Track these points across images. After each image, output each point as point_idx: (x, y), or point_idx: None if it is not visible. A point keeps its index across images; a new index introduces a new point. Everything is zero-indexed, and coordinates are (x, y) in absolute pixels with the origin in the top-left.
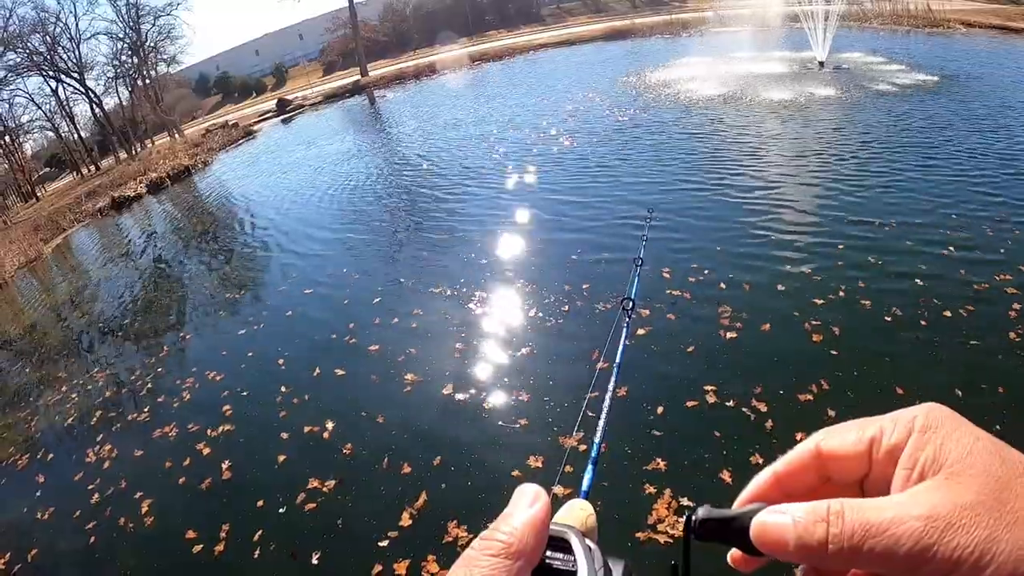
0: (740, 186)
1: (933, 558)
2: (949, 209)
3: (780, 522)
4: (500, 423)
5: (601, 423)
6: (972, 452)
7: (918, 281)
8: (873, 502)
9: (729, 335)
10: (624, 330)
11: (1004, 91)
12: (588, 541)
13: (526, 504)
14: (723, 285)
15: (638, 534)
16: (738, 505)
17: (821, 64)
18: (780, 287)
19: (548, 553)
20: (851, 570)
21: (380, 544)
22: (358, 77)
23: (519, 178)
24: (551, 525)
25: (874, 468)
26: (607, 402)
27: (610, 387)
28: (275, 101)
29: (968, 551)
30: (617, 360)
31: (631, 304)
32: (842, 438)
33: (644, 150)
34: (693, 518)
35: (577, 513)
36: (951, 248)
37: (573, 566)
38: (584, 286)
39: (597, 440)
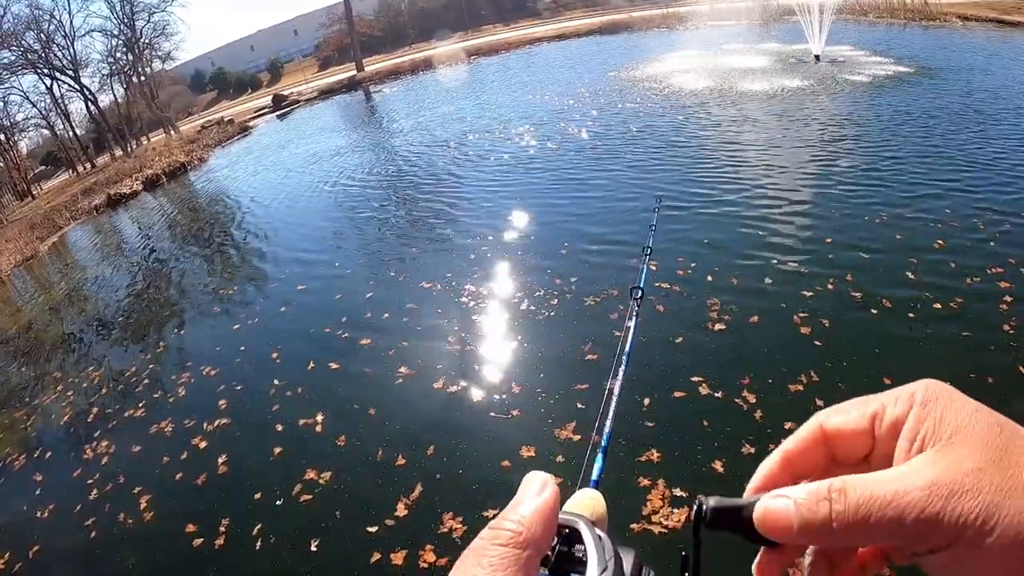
0: (728, 180)
1: (939, 525)
2: (941, 202)
3: (782, 506)
4: (492, 414)
5: (612, 411)
6: (971, 422)
7: (908, 274)
8: (875, 475)
9: (718, 327)
10: (634, 319)
11: (1009, 87)
12: (598, 530)
13: (534, 492)
14: (711, 278)
15: (633, 525)
16: (749, 492)
17: (817, 57)
18: (768, 280)
19: (558, 542)
20: (858, 549)
21: (378, 534)
22: (353, 72)
23: (507, 174)
24: (561, 514)
25: (877, 444)
26: (617, 390)
27: (620, 374)
28: (270, 97)
29: (972, 516)
30: (627, 349)
31: (640, 293)
32: (845, 416)
33: (633, 145)
34: (704, 507)
35: (587, 502)
36: (940, 241)
37: (583, 555)
38: (572, 279)
39: (607, 429)
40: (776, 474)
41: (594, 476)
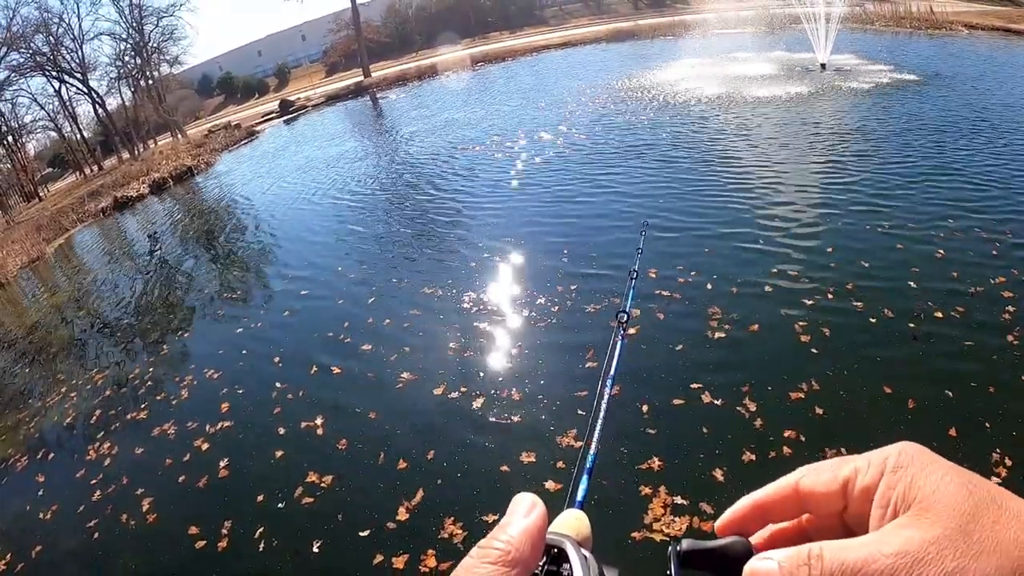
0: (729, 188)
1: None
2: (943, 211)
3: (767, 568)
4: (492, 420)
5: (596, 434)
6: (940, 488)
7: (910, 284)
8: (850, 542)
9: (718, 335)
10: (619, 343)
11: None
12: (584, 550)
13: (523, 513)
14: (710, 286)
15: (634, 533)
16: (719, 526)
17: (823, 66)
18: (768, 288)
19: (545, 562)
20: None
21: (379, 538)
22: (360, 78)
23: (509, 182)
24: (548, 534)
25: (850, 504)
26: (601, 415)
27: (605, 399)
28: (278, 102)
29: None
30: (612, 373)
31: (626, 317)
32: (818, 478)
33: (635, 152)
34: (678, 549)
35: (572, 523)
36: (942, 252)
37: (570, 574)
38: (573, 287)
39: (592, 451)
40: (746, 516)
41: (579, 497)
